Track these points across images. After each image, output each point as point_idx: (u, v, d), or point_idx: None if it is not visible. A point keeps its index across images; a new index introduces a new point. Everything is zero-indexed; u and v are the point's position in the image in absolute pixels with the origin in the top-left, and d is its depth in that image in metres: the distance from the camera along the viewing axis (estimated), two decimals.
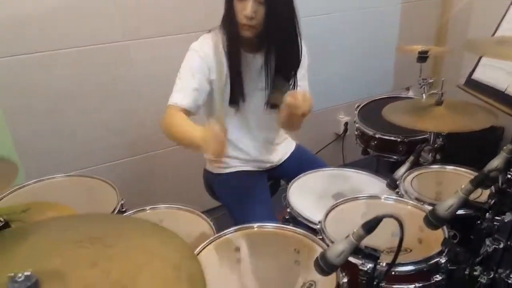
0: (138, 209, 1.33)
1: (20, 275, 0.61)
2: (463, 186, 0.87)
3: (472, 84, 1.73)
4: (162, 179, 2.14)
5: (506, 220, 1.11)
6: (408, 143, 1.80)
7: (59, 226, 0.90)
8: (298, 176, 1.49)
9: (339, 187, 1.43)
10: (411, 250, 0.97)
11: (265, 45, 1.35)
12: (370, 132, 1.91)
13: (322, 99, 2.55)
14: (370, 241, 0.76)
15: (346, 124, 2.62)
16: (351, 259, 0.92)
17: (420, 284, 0.91)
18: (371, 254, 0.75)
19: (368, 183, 1.43)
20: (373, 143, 1.89)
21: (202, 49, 1.33)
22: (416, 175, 1.37)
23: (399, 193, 1.27)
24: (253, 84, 1.41)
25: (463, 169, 1.40)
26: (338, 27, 2.43)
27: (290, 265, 0.98)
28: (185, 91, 1.31)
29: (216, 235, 1.05)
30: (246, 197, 1.49)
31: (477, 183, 0.85)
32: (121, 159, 2.02)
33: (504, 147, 1.00)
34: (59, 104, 1.79)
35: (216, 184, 1.59)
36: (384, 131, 1.87)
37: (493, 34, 1.67)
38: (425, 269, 0.93)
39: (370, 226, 0.73)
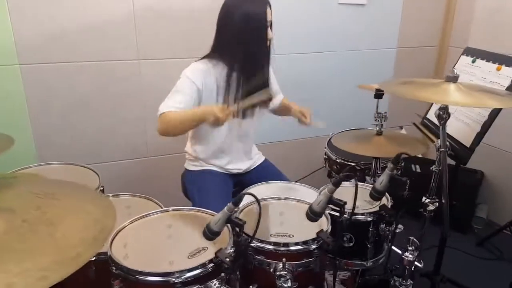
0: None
1: None
2: (329, 186, 1.08)
3: (425, 124, 1.92)
4: (156, 182, 2.43)
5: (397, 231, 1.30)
6: (363, 169, 1.99)
7: (31, 182, 1.21)
8: (253, 185, 1.71)
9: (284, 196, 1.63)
10: (293, 236, 1.18)
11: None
12: (333, 156, 2.12)
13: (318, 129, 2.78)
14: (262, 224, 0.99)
15: None
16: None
17: (291, 262, 1.11)
18: (237, 223, 0.98)
19: (310, 195, 1.63)
20: (335, 167, 2.09)
21: (192, 73, 1.64)
22: None
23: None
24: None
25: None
26: (336, 64, 2.73)
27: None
28: (177, 105, 1.60)
29: (155, 210, 1.31)
30: (208, 192, 1.75)
31: (335, 183, 1.06)
32: (122, 160, 2.35)
33: (388, 165, 1.21)
34: (76, 106, 2.17)
35: (188, 179, 1.87)
36: (345, 157, 2.07)
37: None
38: (300, 251, 1.15)
39: (237, 200, 0.97)
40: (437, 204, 1.50)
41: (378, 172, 1.80)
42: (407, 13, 2.81)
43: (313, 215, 1.10)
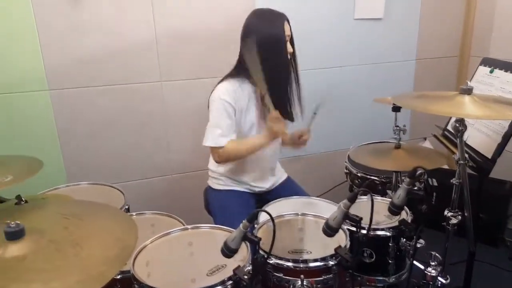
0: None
1: (12, 223, 0.92)
2: (344, 201, 1.09)
3: (446, 135, 1.90)
4: (180, 198, 2.49)
5: (418, 245, 1.28)
6: (385, 183, 1.98)
7: (59, 203, 1.28)
8: (273, 201, 1.71)
9: (303, 211, 1.60)
10: (311, 252, 1.19)
11: None
12: (354, 170, 2.11)
13: (338, 142, 2.79)
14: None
15: None
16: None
17: (310, 279, 1.11)
18: (252, 239, 1.00)
19: (329, 210, 1.63)
20: (357, 181, 2.08)
21: (226, 95, 1.69)
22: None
23: None
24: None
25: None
26: (355, 79, 2.73)
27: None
28: (227, 133, 1.69)
29: (175, 229, 1.35)
30: (231, 213, 1.78)
31: (350, 199, 1.07)
32: (146, 178, 2.42)
33: (404, 179, 1.20)
34: (102, 128, 2.26)
35: (211, 197, 1.91)
36: (366, 171, 2.06)
37: None
38: (318, 267, 1.15)
39: (251, 217, 0.99)
40: (460, 217, 1.46)
41: (399, 185, 1.77)
42: (425, 24, 2.79)
43: (329, 230, 1.11)
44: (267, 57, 1.62)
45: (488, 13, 2.71)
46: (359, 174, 2.07)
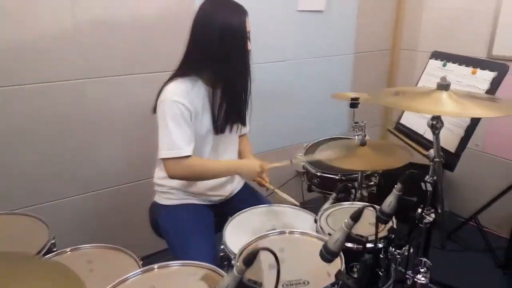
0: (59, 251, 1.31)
1: None
2: (346, 221, 0.94)
3: (399, 129, 1.88)
4: (112, 218, 2.14)
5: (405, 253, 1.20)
6: (346, 181, 1.89)
7: None
8: (235, 214, 1.53)
9: (273, 223, 1.49)
10: (308, 283, 1.02)
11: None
12: (313, 170, 2.00)
13: (284, 138, 2.68)
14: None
15: None
16: None
17: None
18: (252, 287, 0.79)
19: (298, 218, 1.52)
20: (315, 181, 1.97)
21: (180, 96, 1.43)
22: (331, 212, 1.46)
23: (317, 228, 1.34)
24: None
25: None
26: (298, 73, 2.64)
27: None
28: (188, 140, 1.44)
29: (135, 272, 1.07)
30: (188, 231, 1.54)
31: (354, 218, 0.92)
32: (71, 196, 2.04)
33: (395, 186, 1.10)
34: (9, 139, 1.82)
35: (162, 215, 1.63)
36: (325, 170, 1.96)
37: (416, 84, 1.87)
38: None
39: (249, 260, 0.79)
40: (433, 215, 1.42)
41: (364, 185, 1.70)
42: (362, 18, 2.80)
43: (329, 255, 0.95)
44: (228, 51, 1.41)
45: (417, 8, 2.81)
46: (318, 174, 1.96)
